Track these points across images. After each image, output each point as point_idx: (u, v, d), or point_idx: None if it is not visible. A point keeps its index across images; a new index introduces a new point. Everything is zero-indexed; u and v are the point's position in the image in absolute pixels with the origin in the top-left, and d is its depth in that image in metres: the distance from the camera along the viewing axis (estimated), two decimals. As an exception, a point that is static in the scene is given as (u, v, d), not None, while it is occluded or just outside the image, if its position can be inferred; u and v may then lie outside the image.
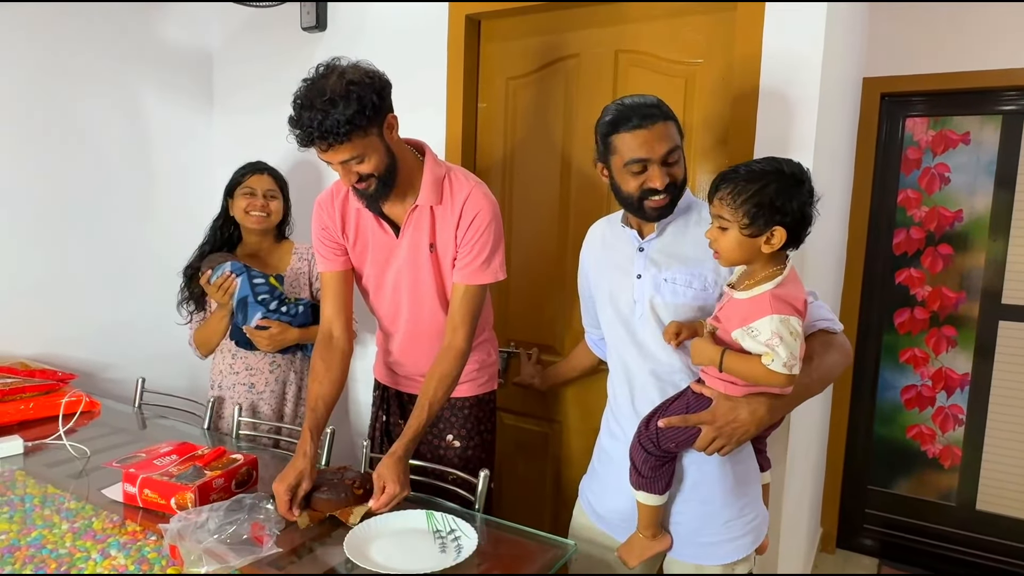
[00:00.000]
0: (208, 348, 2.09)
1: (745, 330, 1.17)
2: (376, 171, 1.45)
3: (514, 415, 2.25)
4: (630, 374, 1.43)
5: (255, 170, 2.07)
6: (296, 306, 2.00)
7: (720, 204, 1.18)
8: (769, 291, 1.16)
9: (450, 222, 1.57)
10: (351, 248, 1.68)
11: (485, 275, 1.59)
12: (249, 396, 2.06)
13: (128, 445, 1.74)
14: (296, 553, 1.27)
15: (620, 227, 1.45)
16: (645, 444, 1.31)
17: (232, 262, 1.97)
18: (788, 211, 1.14)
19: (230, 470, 1.47)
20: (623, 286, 1.42)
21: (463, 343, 1.58)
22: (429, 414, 1.52)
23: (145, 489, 1.41)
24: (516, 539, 1.37)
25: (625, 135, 1.31)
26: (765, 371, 1.15)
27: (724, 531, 1.38)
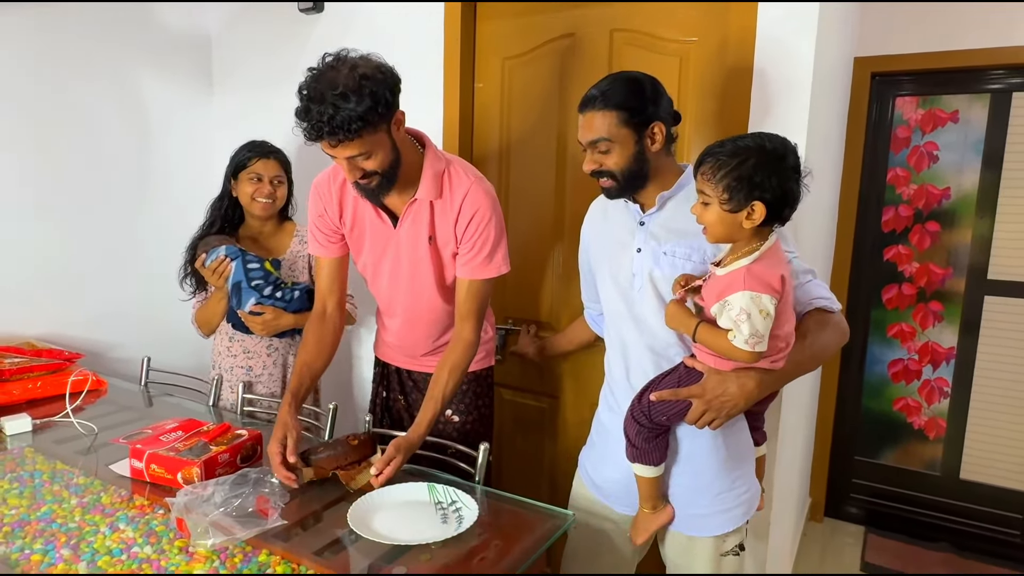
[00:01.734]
0: (209, 328, 2.07)
1: (721, 304, 1.16)
2: (381, 168, 1.41)
3: (512, 390, 2.26)
4: (626, 348, 1.43)
5: (261, 154, 1.98)
6: (292, 291, 1.95)
7: (702, 179, 1.17)
8: (745, 267, 1.14)
9: (449, 217, 1.55)
10: (348, 234, 1.66)
11: (488, 270, 1.58)
12: (247, 379, 2.05)
13: (135, 422, 1.74)
14: (301, 525, 1.27)
15: (622, 201, 1.44)
16: (638, 417, 1.31)
17: (227, 246, 1.92)
18: (768, 187, 1.12)
19: (235, 445, 1.46)
20: (623, 260, 1.41)
21: (471, 335, 1.58)
22: (443, 406, 1.53)
23: (152, 464, 1.40)
24: (515, 510, 1.37)
25: None
26: (729, 345, 1.15)
27: (715, 503, 1.38)
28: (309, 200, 1.67)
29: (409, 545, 1.18)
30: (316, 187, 1.65)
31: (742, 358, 1.17)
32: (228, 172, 2.02)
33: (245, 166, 1.98)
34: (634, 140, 1.32)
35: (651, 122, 1.32)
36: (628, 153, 1.32)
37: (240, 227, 2.09)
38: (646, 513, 1.40)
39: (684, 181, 1.38)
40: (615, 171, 1.34)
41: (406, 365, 1.83)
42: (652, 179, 1.37)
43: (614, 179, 1.35)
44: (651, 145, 1.33)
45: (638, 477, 1.36)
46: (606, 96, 1.31)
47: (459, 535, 1.21)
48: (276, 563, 1.14)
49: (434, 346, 1.75)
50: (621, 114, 1.30)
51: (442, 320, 1.70)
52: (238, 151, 2.02)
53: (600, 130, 1.31)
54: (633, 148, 1.32)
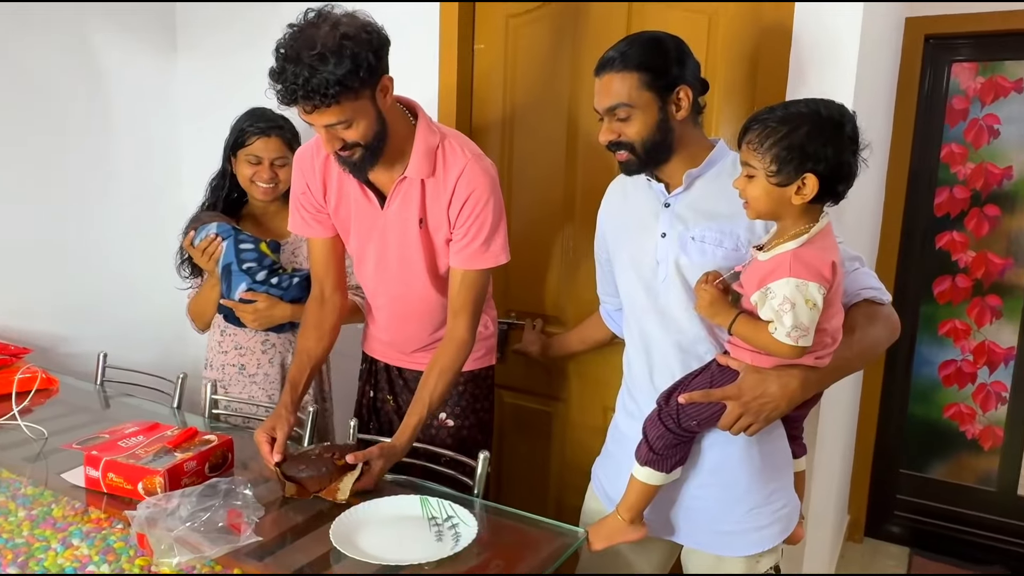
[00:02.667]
0: (203, 321, 2.05)
1: (763, 292, 1.16)
2: (363, 139, 1.41)
3: (515, 392, 2.25)
4: (649, 345, 1.43)
5: (262, 132, 1.93)
6: (290, 278, 1.91)
7: (747, 149, 1.17)
8: (791, 250, 1.14)
9: (442, 198, 1.55)
10: (333, 213, 1.66)
11: (485, 259, 1.57)
12: (241, 379, 2.03)
13: (89, 426, 1.74)
14: (277, 542, 1.27)
15: (644, 180, 1.43)
16: (665, 420, 1.31)
17: (219, 223, 1.90)
18: (822, 157, 1.11)
19: (203, 452, 1.46)
20: (645, 246, 1.41)
21: (465, 333, 1.58)
22: (429, 410, 1.54)
23: (109, 473, 1.40)
24: (519, 526, 1.37)
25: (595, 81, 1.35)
26: (769, 339, 1.15)
27: (748, 519, 1.38)
28: (292, 174, 1.67)
29: (399, 565, 1.18)
30: (298, 160, 1.65)
31: (783, 353, 1.16)
32: (226, 148, 1.99)
33: (243, 144, 1.94)
34: (657, 106, 1.32)
35: (676, 86, 1.31)
36: (650, 121, 1.32)
37: (243, 207, 2.07)
38: (620, 521, 1.37)
39: (715, 157, 1.37)
40: (635, 141, 1.34)
41: (396, 362, 1.83)
42: (677, 152, 1.36)
43: (633, 152, 1.35)
44: (676, 112, 1.33)
45: (636, 481, 1.34)
46: (626, 57, 1.30)
47: (456, 554, 1.21)
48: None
49: (428, 341, 1.75)
50: (643, 76, 1.30)
51: (435, 313, 1.69)
52: (237, 122, 1.97)
53: (619, 94, 1.31)
54: (656, 115, 1.32)
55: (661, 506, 1.42)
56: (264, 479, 1.53)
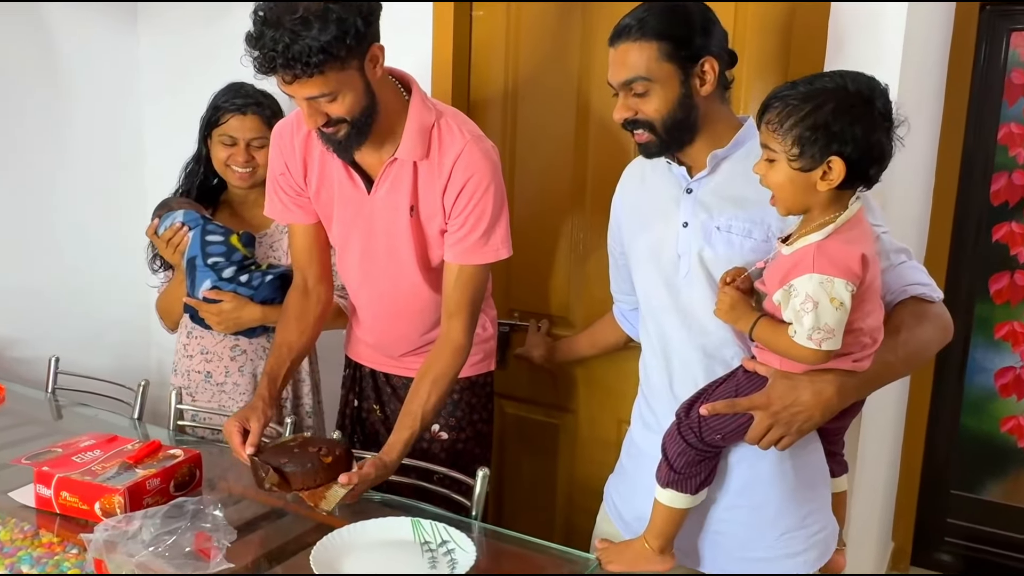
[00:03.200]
0: (172, 320, 2.06)
1: (785, 289, 1.16)
2: (350, 114, 1.42)
3: (518, 403, 2.26)
4: (669, 349, 1.43)
5: (237, 109, 1.92)
6: (263, 275, 1.90)
7: (767, 130, 1.17)
8: (815, 243, 1.14)
9: (436, 184, 1.55)
10: (315, 200, 1.66)
11: (484, 253, 1.58)
12: (207, 388, 2.03)
13: (40, 439, 1.75)
14: (251, 569, 1.27)
15: (664, 163, 1.43)
16: (685, 434, 1.31)
17: (187, 211, 1.90)
18: (849, 138, 1.11)
19: (167, 469, 1.46)
20: (665, 237, 1.41)
21: (461, 337, 1.59)
22: (423, 424, 1.54)
23: (63, 492, 1.40)
24: (522, 552, 1.38)
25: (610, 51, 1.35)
26: (789, 342, 1.15)
27: (780, 545, 1.38)
28: (269, 153, 1.68)
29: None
30: (276, 137, 1.65)
31: (806, 358, 1.16)
32: (201, 127, 1.99)
33: (217, 123, 1.94)
34: (679, 80, 1.32)
35: (700, 57, 1.31)
36: (671, 96, 1.32)
37: (223, 194, 2.07)
38: (645, 549, 1.35)
39: (743, 137, 1.37)
40: (654, 120, 1.34)
41: (383, 367, 1.83)
42: (701, 132, 1.36)
43: (652, 131, 1.35)
44: (700, 87, 1.33)
45: (660, 505, 1.34)
46: (644, 24, 1.30)
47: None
48: (220, 617, 1.14)
49: (419, 343, 1.76)
50: (663, 46, 1.30)
51: (427, 311, 1.70)
52: (212, 99, 1.97)
53: (637, 67, 1.31)
54: (678, 90, 1.32)
55: (685, 530, 1.41)
56: (236, 499, 1.54)
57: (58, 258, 2.50)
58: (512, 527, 1.46)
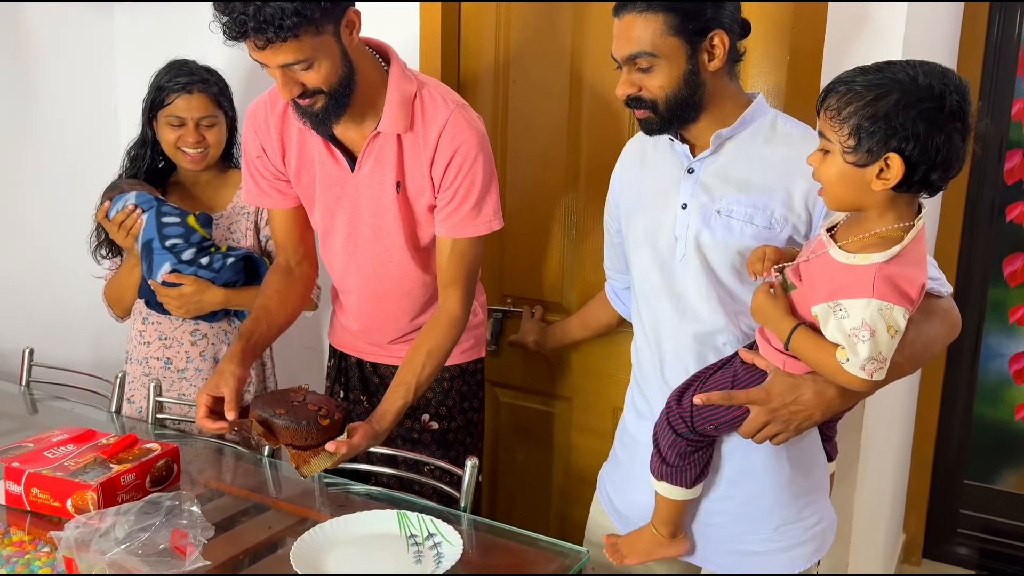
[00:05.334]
0: (122, 307, 2.05)
1: (831, 306, 1.12)
2: (326, 84, 1.41)
3: (511, 391, 2.26)
4: (660, 334, 1.42)
5: (182, 88, 1.91)
6: (223, 257, 1.90)
7: (824, 117, 1.13)
8: (879, 264, 1.10)
9: (422, 156, 1.55)
10: (296, 182, 1.66)
11: (476, 225, 1.57)
12: (167, 375, 2.03)
13: (12, 434, 1.74)
14: (229, 567, 1.27)
15: (667, 140, 1.42)
16: (675, 424, 1.30)
17: (139, 192, 1.89)
18: (910, 134, 1.06)
19: (143, 463, 1.46)
20: (663, 219, 1.40)
21: (457, 308, 1.59)
22: (416, 395, 1.54)
23: (33, 488, 1.40)
24: (512, 545, 1.38)
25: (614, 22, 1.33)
26: (836, 365, 1.13)
27: (776, 538, 1.38)
28: (242, 134, 1.67)
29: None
30: (250, 117, 1.64)
31: (852, 385, 1.14)
32: (144, 108, 1.98)
33: (163, 104, 1.93)
34: (686, 55, 1.30)
35: (710, 31, 1.29)
36: (677, 73, 1.30)
37: (171, 176, 2.06)
38: (656, 536, 1.38)
39: (750, 116, 1.36)
40: (658, 97, 1.32)
41: (370, 356, 1.83)
42: (707, 110, 1.35)
43: (654, 110, 1.33)
44: (708, 62, 1.31)
45: (661, 497, 1.36)
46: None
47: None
48: (196, 615, 1.14)
49: (408, 329, 1.75)
50: (670, 18, 1.28)
51: (415, 294, 1.70)
52: (155, 78, 1.96)
53: (641, 41, 1.29)
54: (684, 66, 1.30)
55: None
56: (216, 494, 1.54)
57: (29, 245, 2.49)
58: (506, 518, 1.47)
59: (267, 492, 1.60)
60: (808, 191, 1.27)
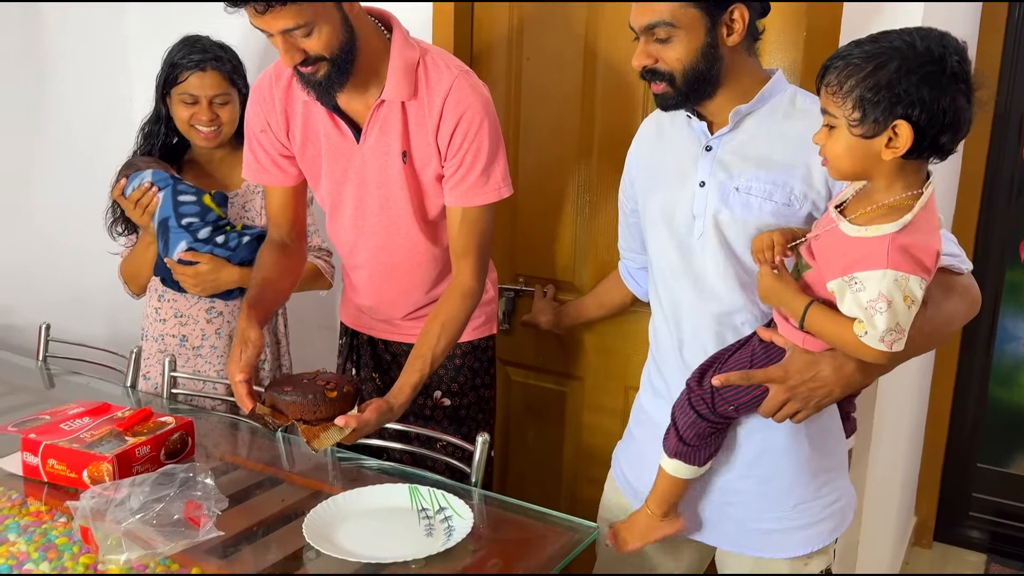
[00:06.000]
0: (138, 284, 2.06)
1: (846, 280, 1.12)
2: (328, 50, 1.41)
3: (523, 370, 2.26)
4: (679, 314, 1.42)
5: (196, 65, 1.91)
6: (239, 236, 1.91)
7: (826, 94, 1.12)
8: (891, 234, 1.10)
9: (428, 124, 1.54)
10: (300, 157, 1.65)
11: (485, 192, 1.57)
12: (183, 352, 2.05)
13: (29, 407, 1.75)
14: (243, 537, 1.28)
15: (684, 117, 1.41)
16: (697, 405, 1.31)
17: (154, 170, 1.90)
18: (915, 99, 1.05)
19: (158, 436, 1.48)
20: (680, 197, 1.39)
21: (470, 280, 1.59)
22: (432, 368, 1.54)
23: (50, 459, 1.42)
24: (522, 520, 1.38)
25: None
26: (854, 340, 1.12)
27: (794, 516, 1.38)
28: (247, 110, 1.67)
29: (383, 563, 1.19)
30: (255, 92, 1.64)
31: (871, 358, 1.14)
32: (158, 85, 1.98)
33: (176, 81, 1.93)
34: (705, 27, 1.29)
35: (730, 4, 1.28)
36: (695, 45, 1.29)
37: (185, 153, 2.07)
38: (651, 516, 1.39)
39: (769, 91, 1.35)
40: (675, 69, 1.31)
41: (382, 334, 1.84)
42: (725, 86, 1.33)
43: (671, 83, 1.32)
44: (727, 37, 1.30)
45: (665, 474, 1.35)
46: None
47: (448, 551, 1.22)
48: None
49: (421, 303, 1.75)
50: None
51: (425, 268, 1.70)
52: (168, 54, 1.96)
53: (660, 10, 1.28)
54: (702, 39, 1.29)
55: (692, 502, 1.42)
56: (230, 467, 1.55)
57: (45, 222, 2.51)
58: (516, 497, 1.46)
59: (281, 466, 1.61)
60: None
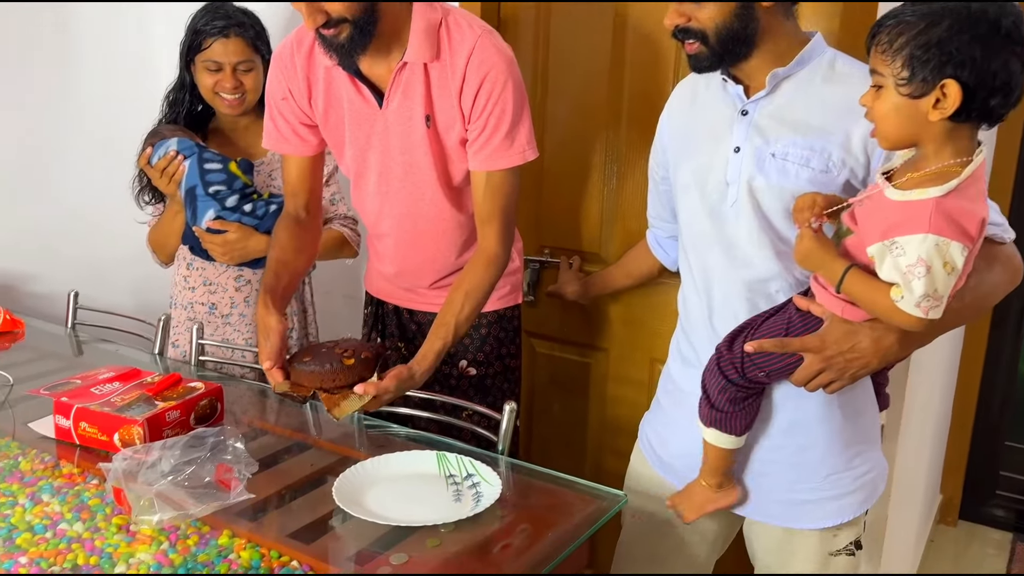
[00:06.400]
0: (166, 253, 2.08)
1: (886, 245, 1.10)
2: (350, 12, 1.40)
3: (548, 342, 2.26)
4: (710, 282, 1.41)
5: (219, 32, 1.91)
6: (266, 204, 1.92)
7: (876, 53, 1.10)
8: (935, 198, 1.07)
9: (451, 86, 1.53)
10: (323, 124, 1.65)
11: (510, 155, 1.56)
12: (212, 320, 2.06)
13: (59, 372, 1.77)
14: (273, 500, 1.29)
15: (719, 81, 1.39)
16: (726, 370, 1.30)
17: (179, 138, 1.90)
18: (966, 59, 1.03)
19: (187, 401, 1.49)
20: (714, 162, 1.38)
21: (495, 246, 1.58)
22: (456, 336, 1.54)
23: (82, 422, 1.43)
24: (549, 487, 1.39)
25: None
26: (890, 306, 1.11)
27: (825, 487, 1.38)
28: (268, 79, 1.66)
29: (412, 527, 1.20)
30: (277, 60, 1.64)
31: (907, 325, 1.12)
32: (182, 53, 1.98)
33: (200, 48, 1.92)
34: None
35: None
36: (729, 4, 1.27)
37: (211, 122, 2.07)
38: (705, 488, 1.40)
39: (808, 54, 1.32)
40: (708, 28, 1.28)
41: (407, 303, 1.84)
42: (761, 48, 1.31)
43: (704, 42, 1.30)
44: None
45: (708, 444, 1.36)
46: None
47: (476, 516, 1.23)
48: (240, 547, 1.16)
49: (447, 271, 1.75)
50: None
51: (451, 235, 1.69)
52: (191, 21, 1.95)
53: None
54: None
55: None
56: (259, 432, 1.57)
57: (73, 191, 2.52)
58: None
59: (309, 432, 1.62)
60: (867, 133, 1.23)
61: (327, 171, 1.96)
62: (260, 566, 1.12)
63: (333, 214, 2.04)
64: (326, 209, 2.01)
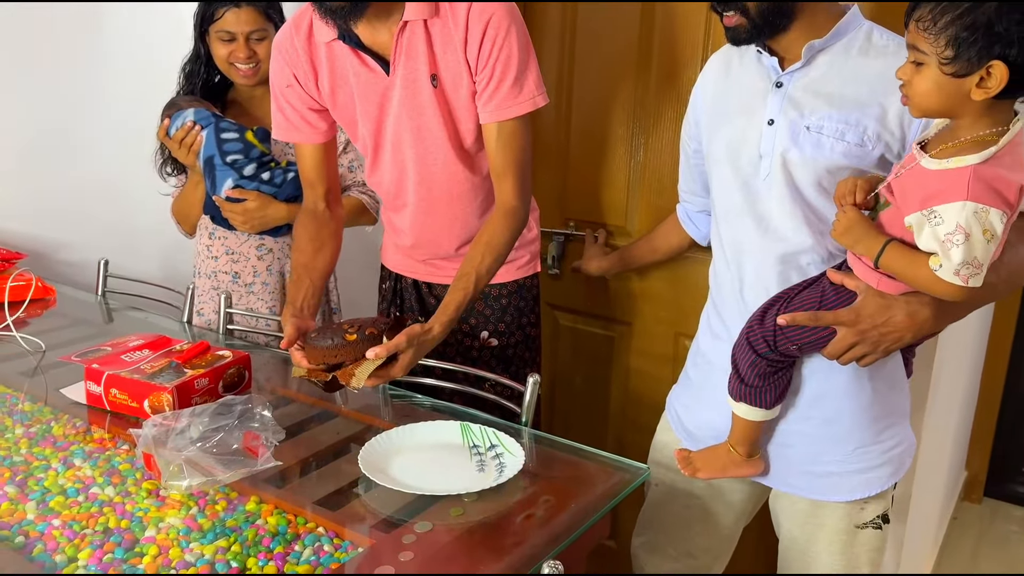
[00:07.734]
0: (189, 223, 2.10)
1: (925, 214, 1.09)
2: None
3: (571, 314, 2.26)
4: (741, 256, 1.40)
5: (232, 1, 1.91)
6: (284, 172, 1.93)
7: (916, 30, 1.08)
8: (972, 167, 1.06)
9: (455, 40, 1.52)
10: (332, 104, 1.64)
11: (520, 103, 1.54)
12: (236, 289, 2.08)
13: (90, 339, 1.80)
14: (300, 468, 1.31)
15: (755, 52, 1.37)
16: (755, 343, 1.29)
17: (196, 109, 1.91)
18: (1015, 38, 1.02)
19: (216, 368, 1.50)
20: (748, 135, 1.36)
21: (512, 199, 1.57)
22: (476, 287, 1.51)
23: (112, 389, 1.45)
24: (572, 459, 1.39)
25: None
26: (930, 276, 1.10)
27: (853, 459, 1.38)
28: (271, 69, 1.66)
29: (436, 496, 1.21)
30: (277, 48, 1.63)
31: (947, 294, 1.11)
32: (195, 23, 1.98)
33: (213, 18, 1.92)
34: None
35: None
36: None
37: (229, 92, 2.08)
38: (733, 455, 1.40)
39: (844, 27, 1.30)
40: (750, 1, 1.26)
41: (425, 277, 1.84)
42: (799, 19, 1.29)
43: (745, 14, 1.28)
44: None
45: (737, 416, 1.36)
46: None
47: (499, 486, 1.23)
48: (267, 512, 1.17)
49: (463, 239, 1.74)
50: None
51: (467, 200, 1.68)
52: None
53: None
54: None
55: None
56: (286, 400, 1.58)
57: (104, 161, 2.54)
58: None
59: (334, 402, 1.63)
60: (904, 108, 1.21)
61: (342, 140, 1.96)
62: (287, 531, 1.13)
63: (351, 181, 2.05)
64: (344, 176, 2.01)
